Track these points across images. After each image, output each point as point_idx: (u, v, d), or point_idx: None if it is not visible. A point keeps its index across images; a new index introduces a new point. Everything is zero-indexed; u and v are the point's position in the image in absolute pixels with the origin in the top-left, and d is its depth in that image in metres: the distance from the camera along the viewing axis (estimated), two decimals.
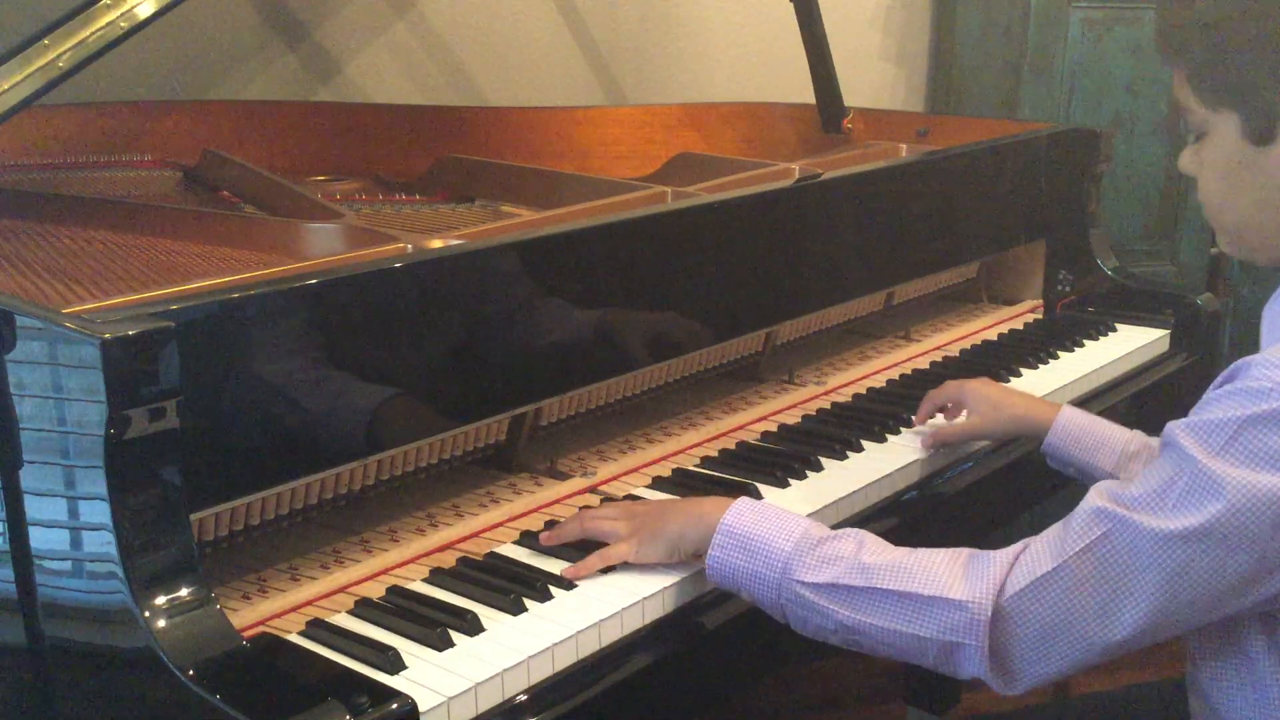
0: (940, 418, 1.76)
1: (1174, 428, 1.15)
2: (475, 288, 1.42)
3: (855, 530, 1.30)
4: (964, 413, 1.74)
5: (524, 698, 1.17)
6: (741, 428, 1.78)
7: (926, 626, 1.20)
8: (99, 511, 1.06)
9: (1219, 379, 1.17)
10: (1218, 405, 1.13)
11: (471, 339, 1.42)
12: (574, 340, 1.53)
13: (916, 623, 1.20)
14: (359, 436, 1.31)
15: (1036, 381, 2.00)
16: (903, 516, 1.61)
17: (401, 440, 1.37)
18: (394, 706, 1.06)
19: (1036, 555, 1.18)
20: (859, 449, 1.69)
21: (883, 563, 1.23)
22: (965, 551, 1.23)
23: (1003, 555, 1.20)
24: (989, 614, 1.17)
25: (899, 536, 1.58)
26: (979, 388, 1.74)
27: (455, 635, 1.21)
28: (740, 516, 1.31)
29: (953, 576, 1.20)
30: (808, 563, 1.25)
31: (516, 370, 1.47)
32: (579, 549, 1.38)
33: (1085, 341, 2.19)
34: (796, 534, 1.27)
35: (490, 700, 1.15)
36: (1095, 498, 1.17)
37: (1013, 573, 1.18)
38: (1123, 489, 1.16)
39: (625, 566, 1.35)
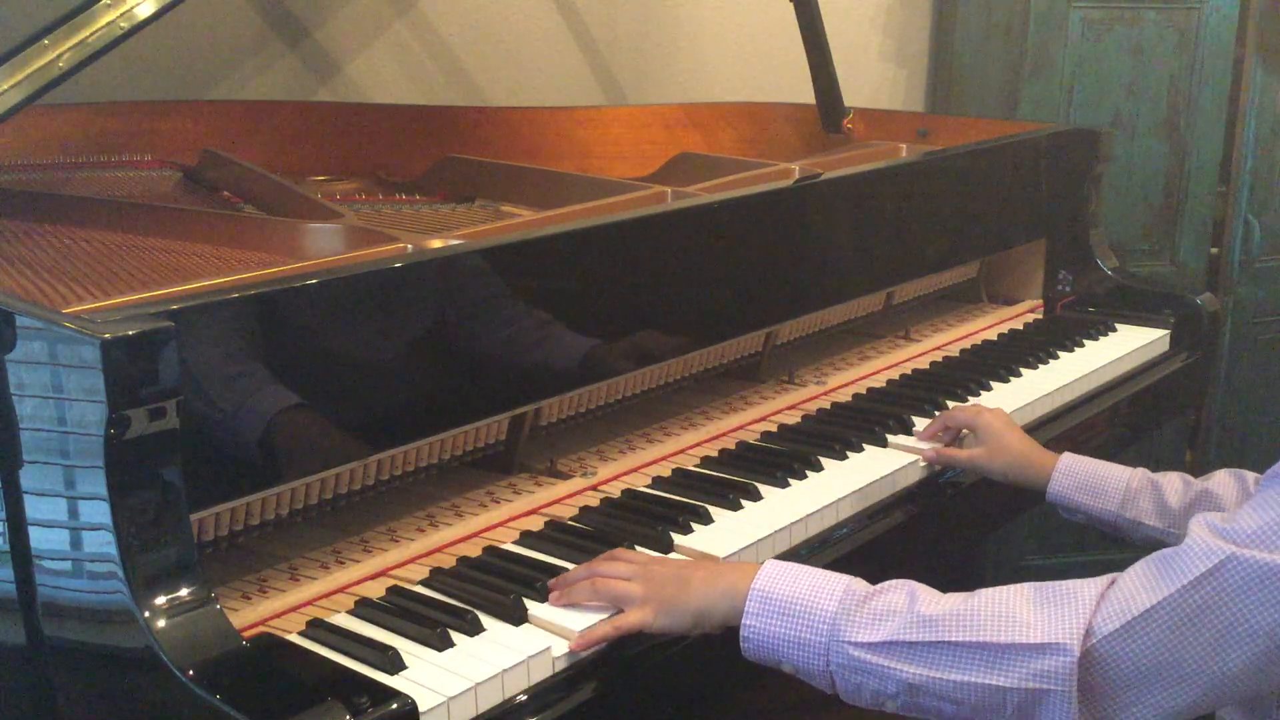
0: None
1: None
2: (475, 288, 1.42)
3: (900, 581, 1.20)
4: (971, 437, 1.71)
5: (524, 698, 1.17)
6: (741, 428, 1.78)
7: (1006, 676, 1.11)
8: (99, 511, 1.06)
9: None
10: None
11: (471, 339, 1.42)
12: (574, 340, 1.53)
13: (994, 673, 1.11)
14: (358, 437, 1.31)
15: (1037, 381, 2.00)
16: (903, 516, 1.61)
17: (401, 440, 1.37)
18: (394, 706, 1.06)
19: (1131, 591, 1.10)
20: (859, 449, 1.69)
21: (944, 612, 1.14)
22: (1028, 587, 1.15)
23: (1088, 591, 1.12)
24: (1077, 656, 1.08)
25: (900, 536, 1.59)
26: (992, 421, 1.69)
27: (455, 635, 1.20)
28: (774, 580, 1.21)
29: (1027, 616, 1.11)
30: (858, 621, 1.16)
31: (516, 370, 1.47)
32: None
33: (1085, 341, 2.19)
34: (839, 591, 1.18)
35: (490, 700, 1.15)
36: (1201, 533, 1.09)
37: (1102, 610, 1.09)
38: (1230, 524, 1.09)
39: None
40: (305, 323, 1.27)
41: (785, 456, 1.64)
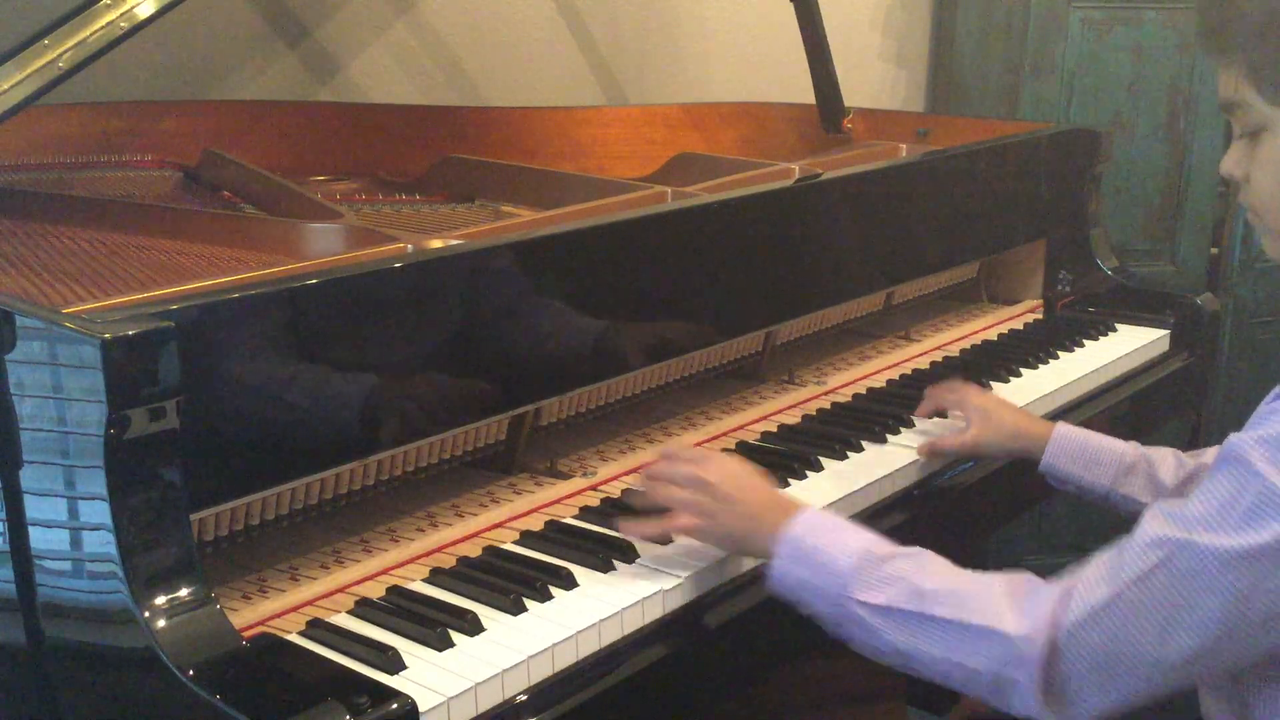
0: (933, 424, 1.75)
1: (1240, 442, 1.11)
2: (475, 288, 1.42)
3: (918, 550, 1.26)
4: (962, 421, 1.72)
5: (524, 698, 1.17)
6: (741, 428, 1.78)
7: (978, 658, 1.16)
8: (99, 511, 1.06)
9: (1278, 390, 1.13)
10: None
11: (471, 339, 1.42)
12: (574, 340, 1.53)
13: (968, 654, 1.17)
14: (359, 436, 1.31)
15: (1037, 381, 2.00)
16: (903, 516, 1.61)
17: (401, 440, 1.37)
18: (394, 706, 1.06)
19: (1091, 584, 1.13)
20: (859, 449, 1.69)
21: (938, 588, 1.20)
22: (1022, 578, 1.19)
23: (1053, 587, 1.16)
24: (1040, 649, 1.12)
25: (899, 536, 1.58)
26: (980, 399, 1.71)
27: (455, 635, 1.20)
28: (806, 527, 1.29)
29: (1006, 606, 1.16)
30: (867, 581, 1.23)
31: (516, 370, 1.47)
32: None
33: (1085, 341, 2.19)
34: (859, 550, 1.25)
35: (490, 700, 1.15)
36: (1153, 521, 1.13)
37: (1067, 604, 1.13)
38: (1181, 507, 1.12)
39: (625, 566, 1.36)
40: (305, 323, 1.27)
41: (785, 456, 1.64)
